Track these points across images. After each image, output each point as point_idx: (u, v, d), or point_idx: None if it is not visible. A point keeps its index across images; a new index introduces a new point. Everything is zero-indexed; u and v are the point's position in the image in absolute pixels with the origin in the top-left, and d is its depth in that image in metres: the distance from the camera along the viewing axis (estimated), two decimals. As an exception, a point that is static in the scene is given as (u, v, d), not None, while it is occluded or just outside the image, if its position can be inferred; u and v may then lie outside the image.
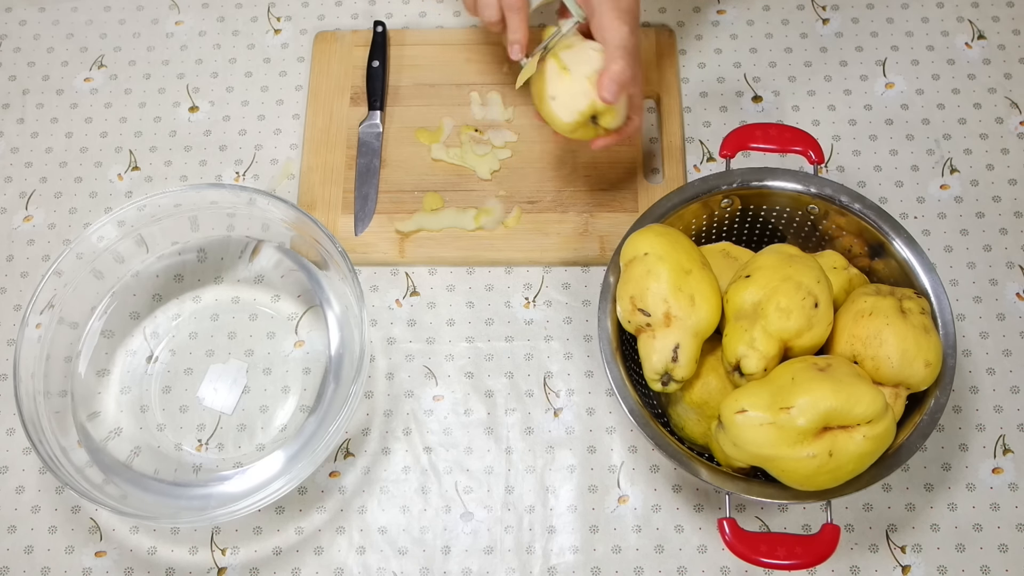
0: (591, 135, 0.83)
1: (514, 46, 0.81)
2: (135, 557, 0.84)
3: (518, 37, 0.81)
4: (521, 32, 0.81)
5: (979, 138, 0.96)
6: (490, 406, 0.88)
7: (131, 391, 0.88)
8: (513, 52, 0.81)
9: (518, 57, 0.82)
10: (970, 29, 1.00)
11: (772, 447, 0.70)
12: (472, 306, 0.91)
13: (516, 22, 0.81)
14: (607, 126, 0.81)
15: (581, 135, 0.83)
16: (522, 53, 0.81)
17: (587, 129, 0.82)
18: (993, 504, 0.84)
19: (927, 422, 0.74)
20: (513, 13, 0.80)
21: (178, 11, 1.04)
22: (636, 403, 0.75)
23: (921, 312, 0.74)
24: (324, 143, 0.96)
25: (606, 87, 0.78)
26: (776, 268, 0.75)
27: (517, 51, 0.81)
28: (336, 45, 1.01)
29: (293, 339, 0.90)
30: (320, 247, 0.88)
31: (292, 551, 0.84)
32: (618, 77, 0.78)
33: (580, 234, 0.92)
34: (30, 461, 0.87)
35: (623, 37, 0.78)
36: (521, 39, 0.81)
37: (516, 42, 0.81)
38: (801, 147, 0.82)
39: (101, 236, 0.87)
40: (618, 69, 0.78)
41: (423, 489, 0.85)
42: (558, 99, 0.80)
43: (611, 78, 0.78)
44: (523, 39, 0.81)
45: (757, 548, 0.73)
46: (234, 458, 0.86)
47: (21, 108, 1.00)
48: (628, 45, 0.78)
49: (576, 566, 0.83)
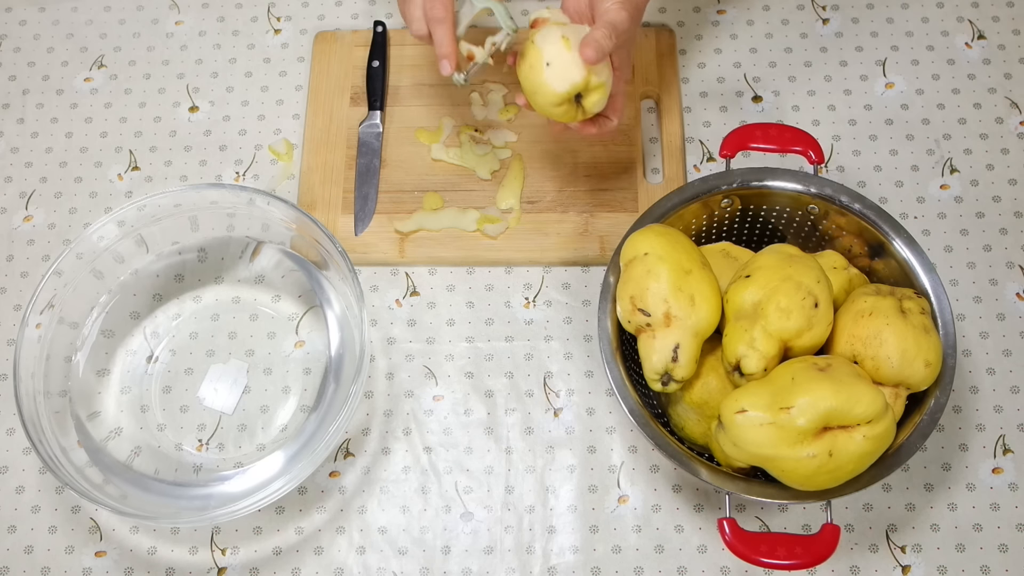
0: (572, 116, 0.79)
1: (442, 61, 0.78)
2: (135, 557, 0.84)
3: (444, 51, 0.77)
4: (447, 46, 0.77)
5: (979, 138, 0.96)
6: (490, 406, 0.88)
7: (131, 391, 0.88)
8: (442, 68, 0.78)
9: (447, 72, 0.79)
10: (970, 29, 1.00)
11: (772, 447, 0.70)
12: (472, 306, 0.91)
13: (440, 35, 0.77)
14: (591, 107, 0.78)
15: (563, 114, 0.79)
16: (452, 68, 0.79)
17: (570, 107, 0.78)
18: (993, 504, 0.84)
19: (927, 422, 0.74)
20: (437, 25, 0.77)
21: (178, 11, 1.04)
22: (636, 403, 0.76)
23: (921, 312, 0.74)
24: (324, 143, 0.96)
25: (589, 45, 0.73)
26: (776, 268, 0.75)
27: (446, 66, 0.78)
28: (336, 45, 1.01)
29: (293, 339, 0.90)
30: (320, 247, 0.88)
31: (292, 551, 0.84)
32: (600, 40, 0.74)
33: (580, 234, 0.92)
34: (30, 461, 0.87)
35: (620, 20, 0.76)
36: (449, 54, 0.77)
37: (444, 56, 0.78)
38: (801, 147, 0.82)
39: (101, 236, 0.87)
40: (600, 35, 0.74)
41: (423, 489, 0.85)
42: (553, 65, 0.76)
43: (593, 38, 0.74)
44: (450, 54, 0.78)
45: (757, 548, 0.73)
46: (234, 458, 0.86)
47: (21, 108, 1.00)
48: (620, 27, 0.76)
49: (576, 566, 0.83)
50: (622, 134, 0.95)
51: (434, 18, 0.77)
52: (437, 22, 0.77)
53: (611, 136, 0.90)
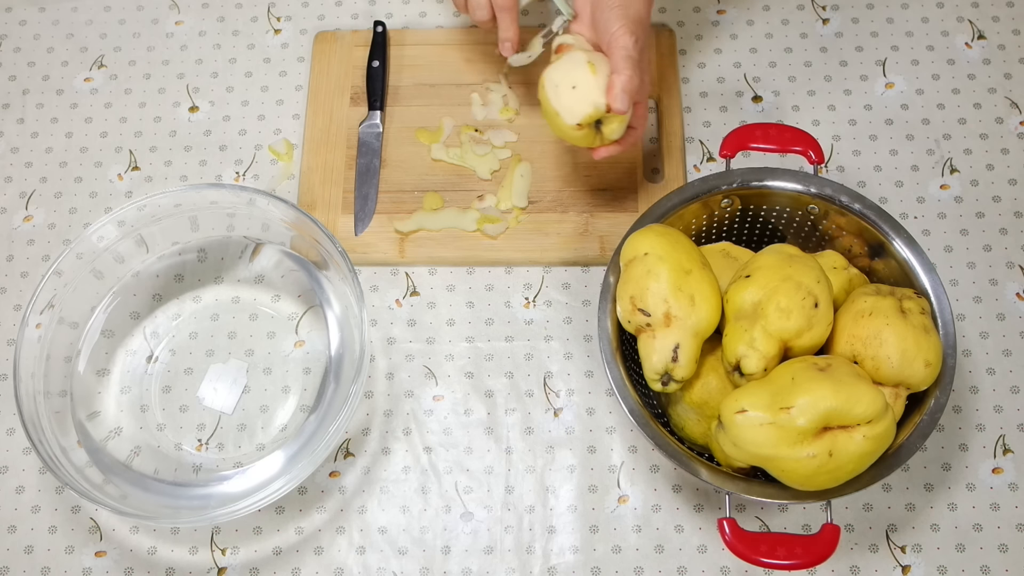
0: (590, 141, 0.81)
1: (505, 43, 0.85)
2: (135, 557, 0.84)
3: (509, 35, 0.84)
4: (512, 31, 0.84)
5: (979, 138, 0.96)
6: (490, 406, 0.88)
7: (131, 391, 0.88)
8: (504, 49, 0.85)
9: (509, 54, 0.85)
10: (970, 29, 1.00)
11: (772, 447, 0.70)
12: (472, 306, 0.91)
13: (507, 21, 0.83)
14: (609, 135, 0.80)
15: (582, 138, 0.81)
16: (513, 50, 0.85)
17: (589, 132, 0.80)
18: (993, 504, 0.84)
19: (927, 422, 0.74)
20: (504, 12, 0.83)
21: (178, 11, 1.04)
22: (636, 403, 0.76)
23: (921, 312, 0.74)
24: (324, 143, 0.96)
25: (617, 97, 0.77)
26: (776, 268, 0.75)
27: (508, 48, 0.85)
28: (336, 45, 1.01)
29: (293, 339, 0.90)
30: (320, 247, 0.88)
31: (292, 551, 0.84)
32: (627, 86, 0.77)
33: (580, 234, 0.92)
34: (30, 461, 0.87)
35: (628, 47, 0.77)
36: (512, 37, 0.84)
37: (507, 40, 0.84)
38: (801, 147, 0.82)
39: (101, 236, 0.87)
40: (625, 79, 0.77)
41: (423, 489, 0.85)
42: (579, 88, 0.78)
43: (621, 88, 0.77)
44: (514, 37, 0.84)
45: (757, 548, 0.73)
46: (234, 458, 0.86)
47: (21, 108, 1.00)
48: (633, 55, 0.78)
49: (576, 566, 0.83)
50: (622, 134, 0.95)
51: (501, 5, 0.83)
52: (503, 9, 0.83)
53: (638, 142, 0.92)
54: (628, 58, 0.78)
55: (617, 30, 0.78)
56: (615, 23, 0.78)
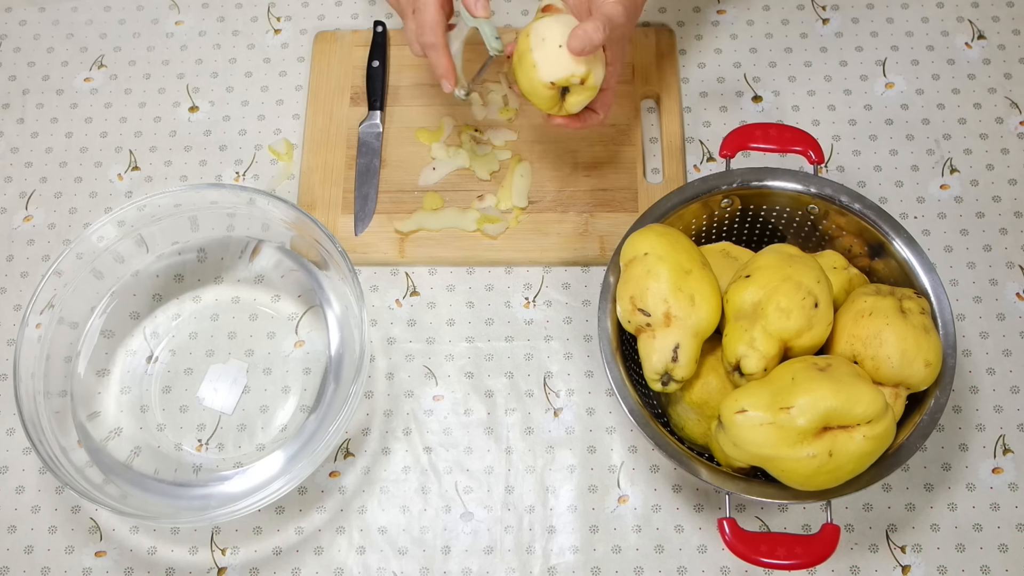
0: (551, 106, 0.80)
1: (442, 80, 0.82)
2: (135, 557, 0.84)
3: (441, 72, 0.82)
4: (443, 66, 0.82)
5: (979, 138, 0.96)
6: (490, 406, 0.88)
7: (131, 391, 0.88)
8: (444, 86, 0.83)
9: (448, 90, 0.83)
10: (970, 29, 1.00)
11: (772, 447, 0.70)
12: (472, 306, 0.91)
13: (435, 58, 0.81)
14: (570, 107, 0.80)
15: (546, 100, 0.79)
16: (451, 87, 0.83)
17: (555, 96, 0.79)
18: (993, 504, 0.84)
19: (927, 422, 0.74)
20: (430, 49, 0.81)
21: (178, 11, 1.04)
22: (636, 403, 0.76)
23: (921, 312, 0.74)
24: (324, 143, 0.96)
25: (577, 37, 0.74)
26: (776, 268, 0.75)
27: (447, 85, 0.83)
28: (336, 45, 1.01)
29: (293, 339, 0.90)
30: (320, 247, 0.88)
31: (292, 551, 0.84)
32: (592, 36, 0.74)
33: (580, 234, 0.92)
34: (30, 461, 0.87)
35: (616, 13, 0.76)
36: (444, 73, 0.82)
37: (441, 76, 0.82)
38: (801, 147, 0.82)
39: (101, 236, 0.87)
40: (590, 27, 0.74)
41: (423, 489, 0.85)
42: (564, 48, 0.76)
43: (586, 32, 0.74)
44: (447, 72, 0.82)
45: (757, 548, 0.73)
46: (234, 458, 0.86)
47: (21, 108, 1.00)
48: (615, 20, 0.76)
49: (576, 566, 0.83)
50: (622, 134, 0.95)
51: (425, 43, 0.81)
52: (429, 47, 0.81)
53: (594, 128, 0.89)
54: (607, 16, 0.75)
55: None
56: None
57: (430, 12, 0.79)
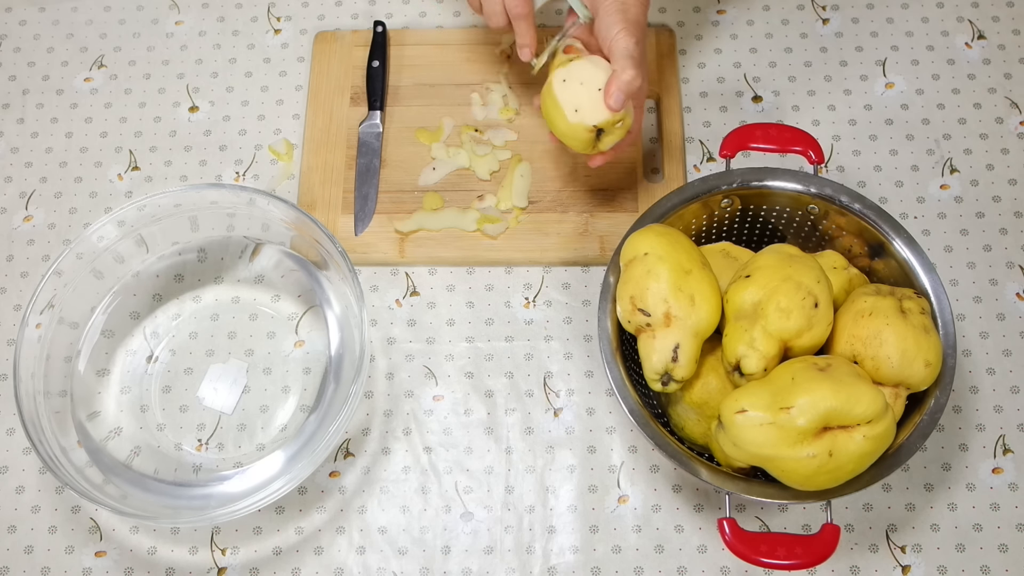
0: (587, 147, 0.82)
1: (523, 49, 0.85)
2: (135, 557, 0.84)
3: (526, 41, 0.84)
4: (529, 36, 0.84)
5: (979, 138, 0.96)
6: (490, 406, 0.88)
7: (131, 391, 0.88)
8: (523, 55, 0.85)
9: (527, 59, 0.85)
10: (970, 29, 1.00)
11: (772, 447, 0.70)
12: (472, 306, 0.91)
13: (523, 27, 0.84)
14: (604, 145, 0.81)
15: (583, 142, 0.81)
16: (532, 55, 0.85)
17: (591, 138, 0.81)
18: (993, 504, 0.84)
19: (927, 422, 0.74)
20: (519, 20, 0.83)
21: (178, 11, 1.04)
22: (636, 403, 0.76)
23: (921, 312, 0.74)
24: (324, 143, 0.96)
25: (613, 95, 0.78)
26: (776, 268, 0.75)
27: (527, 53, 0.85)
28: (336, 45, 1.01)
29: (293, 339, 0.90)
30: (320, 247, 0.88)
31: (292, 551, 0.84)
32: (626, 87, 0.78)
33: (580, 234, 0.92)
34: (30, 461, 0.87)
35: (630, 48, 0.78)
36: (530, 43, 0.84)
37: (525, 46, 0.85)
38: (801, 147, 0.82)
39: (101, 236, 0.87)
40: (627, 78, 0.78)
41: (423, 489, 0.85)
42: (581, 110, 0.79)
43: (619, 87, 0.78)
44: (532, 42, 0.85)
45: (757, 548, 0.73)
46: (234, 458, 0.86)
47: (21, 108, 1.00)
48: (635, 56, 0.78)
49: (576, 566, 0.83)
50: (622, 134, 0.95)
51: (517, 14, 0.83)
52: (519, 17, 0.83)
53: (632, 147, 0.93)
54: (631, 58, 0.78)
55: (618, 33, 0.78)
56: (615, 26, 0.79)
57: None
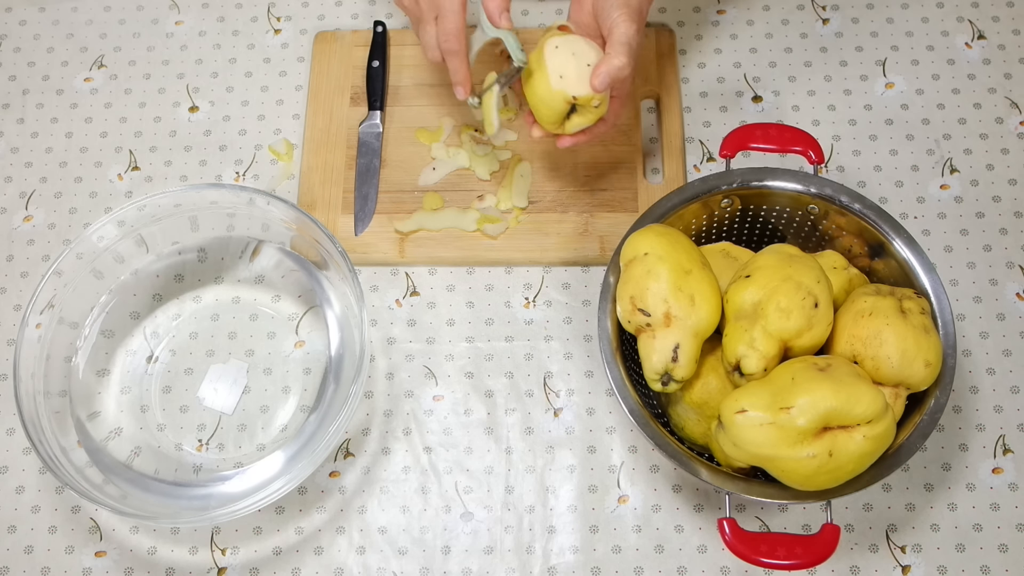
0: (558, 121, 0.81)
1: (457, 88, 0.83)
2: (135, 557, 0.84)
3: (459, 79, 0.83)
4: (461, 74, 0.82)
5: (979, 138, 0.96)
6: (490, 406, 0.88)
7: (131, 391, 0.88)
8: (457, 93, 0.83)
9: (462, 97, 0.83)
10: (970, 29, 1.00)
11: (772, 447, 0.70)
12: (472, 306, 0.91)
13: (455, 65, 0.82)
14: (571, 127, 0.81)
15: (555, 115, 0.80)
16: (466, 94, 0.83)
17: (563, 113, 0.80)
18: (993, 504, 0.84)
19: (927, 422, 0.74)
20: (451, 56, 0.82)
21: (178, 11, 1.04)
22: (636, 403, 0.76)
23: (921, 312, 0.74)
24: (324, 143, 0.96)
25: (600, 76, 0.76)
26: (776, 268, 0.75)
27: (460, 92, 0.83)
28: (336, 45, 1.01)
29: (293, 339, 0.90)
30: (320, 247, 0.88)
31: (292, 551, 0.84)
32: (616, 72, 0.77)
33: (580, 234, 0.92)
34: (30, 461, 0.87)
35: (630, 35, 0.77)
36: (462, 80, 0.83)
37: (458, 84, 0.83)
38: (801, 147, 0.82)
39: (101, 236, 0.87)
40: (618, 64, 0.77)
41: (423, 489, 0.85)
42: (566, 78, 0.78)
43: (607, 71, 0.76)
44: (464, 80, 0.83)
45: (757, 548, 0.73)
46: (234, 458, 0.86)
47: (21, 108, 1.00)
48: (632, 43, 0.78)
49: (576, 566, 0.83)
50: (622, 134, 0.95)
51: (448, 50, 0.81)
52: (451, 54, 0.82)
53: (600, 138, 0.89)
54: (626, 44, 0.77)
55: (619, 16, 0.77)
56: (617, 10, 0.78)
57: (455, 20, 0.80)
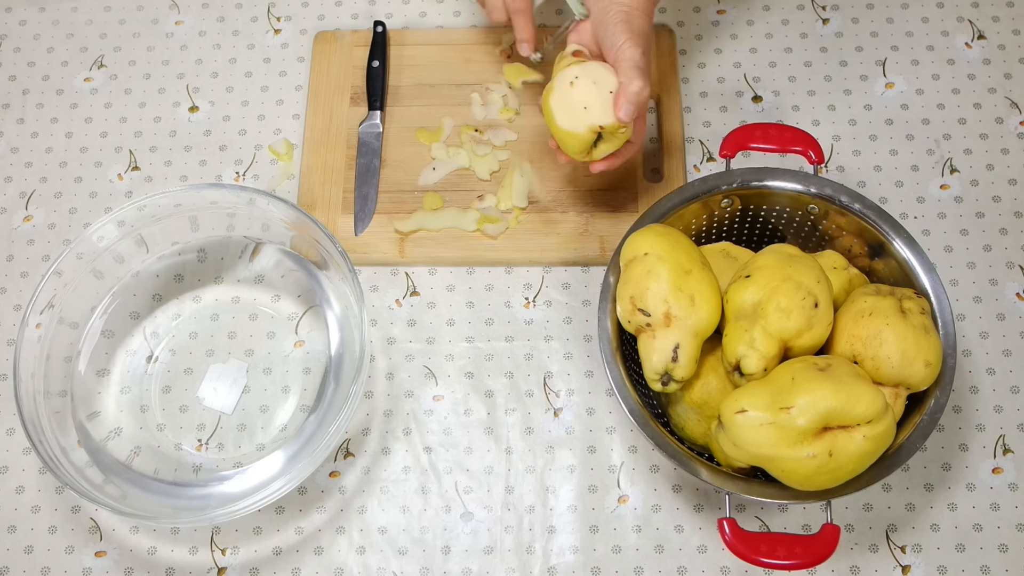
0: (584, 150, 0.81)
1: (522, 44, 0.88)
2: (135, 557, 0.84)
3: (524, 36, 0.87)
4: (528, 32, 0.87)
5: (979, 138, 0.96)
6: (490, 406, 0.88)
7: (131, 391, 0.88)
8: (523, 49, 0.88)
9: (527, 53, 0.88)
10: (970, 29, 1.00)
11: (772, 447, 0.70)
12: (472, 306, 0.91)
13: (521, 23, 0.86)
14: (598, 153, 0.81)
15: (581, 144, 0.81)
16: (531, 50, 0.88)
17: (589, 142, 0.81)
18: (993, 504, 0.84)
19: (927, 422, 0.74)
20: (518, 15, 0.86)
21: (178, 11, 1.04)
22: (636, 403, 0.76)
23: (921, 312, 0.74)
24: (324, 143, 0.96)
25: (623, 107, 0.78)
26: (776, 268, 0.75)
27: (526, 48, 0.88)
28: (336, 45, 1.01)
29: (293, 339, 0.90)
30: (320, 247, 0.88)
31: (292, 551, 0.84)
32: (635, 98, 0.78)
33: (580, 234, 0.92)
34: (30, 461, 0.87)
35: (636, 59, 0.78)
36: (528, 38, 0.87)
37: (524, 41, 0.88)
38: (801, 147, 0.82)
39: (101, 236, 0.87)
40: (636, 89, 0.77)
41: (423, 489, 0.85)
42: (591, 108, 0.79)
43: (628, 99, 0.78)
44: (530, 38, 0.87)
45: (757, 548, 0.73)
46: (234, 458, 0.86)
47: (21, 108, 1.00)
48: (642, 66, 0.78)
49: (576, 566, 0.83)
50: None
51: (515, 9, 0.86)
52: (518, 12, 0.86)
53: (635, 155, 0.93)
54: (637, 68, 0.78)
55: (624, 43, 0.78)
56: (620, 36, 0.78)
57: None
